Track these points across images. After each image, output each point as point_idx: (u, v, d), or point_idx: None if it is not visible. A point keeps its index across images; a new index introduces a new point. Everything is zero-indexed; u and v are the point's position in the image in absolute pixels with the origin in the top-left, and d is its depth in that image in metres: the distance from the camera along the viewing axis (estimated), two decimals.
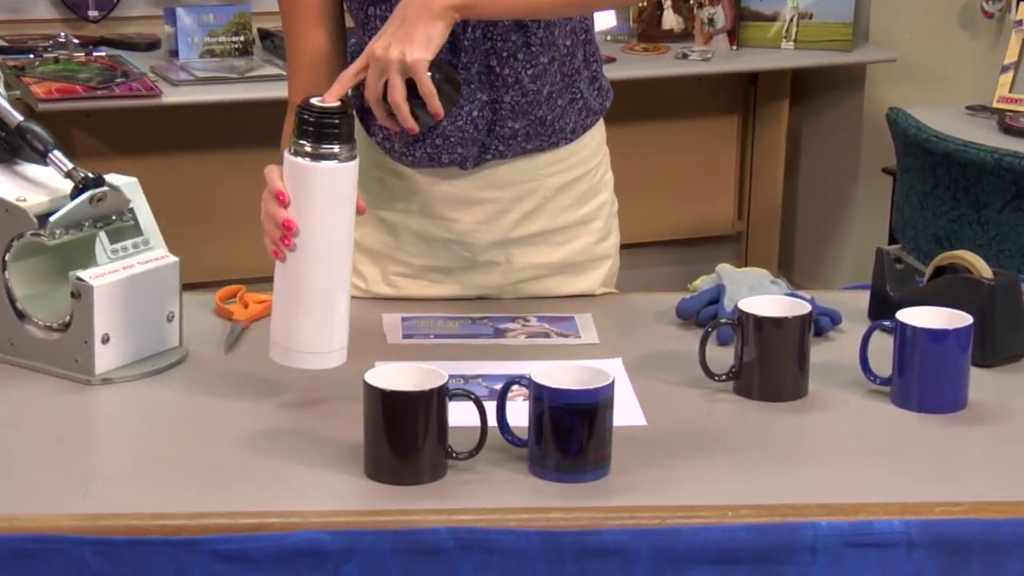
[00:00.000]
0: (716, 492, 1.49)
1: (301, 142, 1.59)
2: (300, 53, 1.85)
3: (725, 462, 1.56)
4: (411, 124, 1.67)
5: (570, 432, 1.49)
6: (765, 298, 1.74)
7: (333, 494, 1.48)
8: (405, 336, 1.87)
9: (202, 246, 3.80)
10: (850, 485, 1.52)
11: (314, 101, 1.59)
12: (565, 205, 1.98)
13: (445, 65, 1.69)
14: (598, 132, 1.99)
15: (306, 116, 1.58)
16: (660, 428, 1.63)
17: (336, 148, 1.58)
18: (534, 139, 1.91)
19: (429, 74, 1.63)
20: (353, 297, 1.70)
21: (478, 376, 1.74)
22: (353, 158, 1.60)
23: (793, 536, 1.43)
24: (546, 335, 1.89)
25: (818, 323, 1.87)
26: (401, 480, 1.49)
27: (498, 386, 1.57)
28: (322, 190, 1.60)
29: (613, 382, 1.51)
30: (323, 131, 1.58)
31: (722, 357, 1.75)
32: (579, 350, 1.84)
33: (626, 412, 1.65)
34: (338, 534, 1.40)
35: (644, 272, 4.23)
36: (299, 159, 1.59)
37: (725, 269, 1.96)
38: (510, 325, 1.90)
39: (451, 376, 1.53)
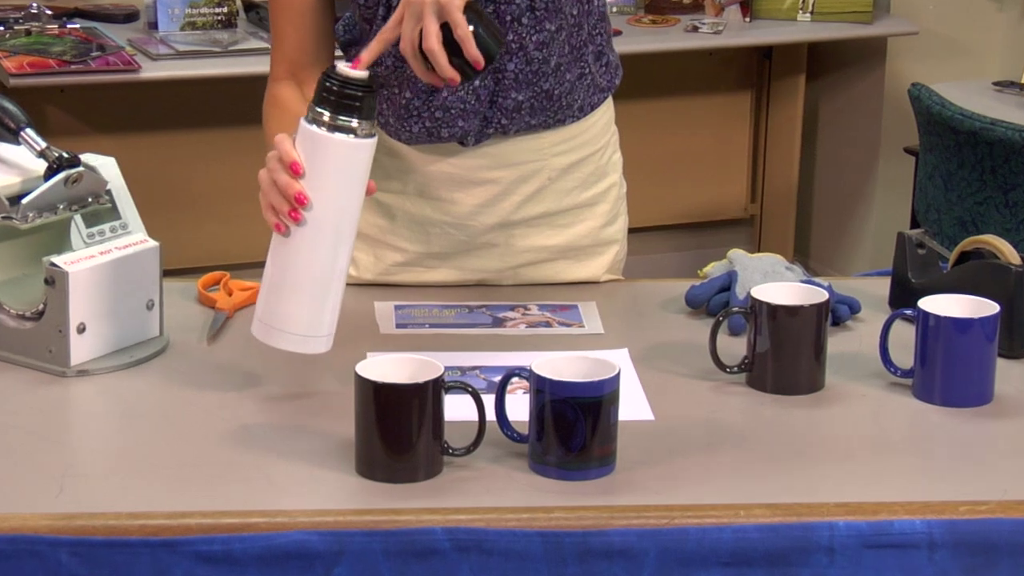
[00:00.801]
0: (727, 490, 1.50)
1: (320, 110, 1.57)
2: (282, 55, 1.87)
3: (737, 459, 1.57)
4: (450, 73, 1.62)
5: (573, 427, 1.49)
6: (780, 285, 1.74)
7: (322, 492, 1.49)
8: (399, 325, 1.88)
9: (184, 230, 3.81)
10: (869, 483, 1.53)
11: (341, 67, 1.57)
12: (570, 187, 1.98)
13: (485, 15, 1.65)
14: (607, 110, 2.00)
15: (329, 84, 1.57)
16: (668, 423, 1.64)
17: (355, 122, 1.57)
18: (539, 113, 1.91)
19: (465, 19, 1.61)
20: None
21: (476, 368, 1.74)
22: (372, 135, 1.59)
23: (808, 537, 1.43)
24: (547, 324, 1.89)
25: (835, 312, 1.87)
26: (394, 478, 1.49)
27: (497, 378, 1.57)
28: (336, 164, 1.58)
29: (618, 374, 1.51)
30: (345, 102, 1.56)
31: (734, 348, 1.76)
32: (583, 340, 1.85)
33: (632, 406, 1.65)
34: (327, 535, 1.41)
35: (652, 258, 4.24)
36: (315, 128, 1.58)
37: (737, 255, 1.96)
38: (509, 314, 1.91)
39: (447, 368, 1.53)
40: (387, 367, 1.52)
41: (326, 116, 1.57)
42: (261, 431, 1.60)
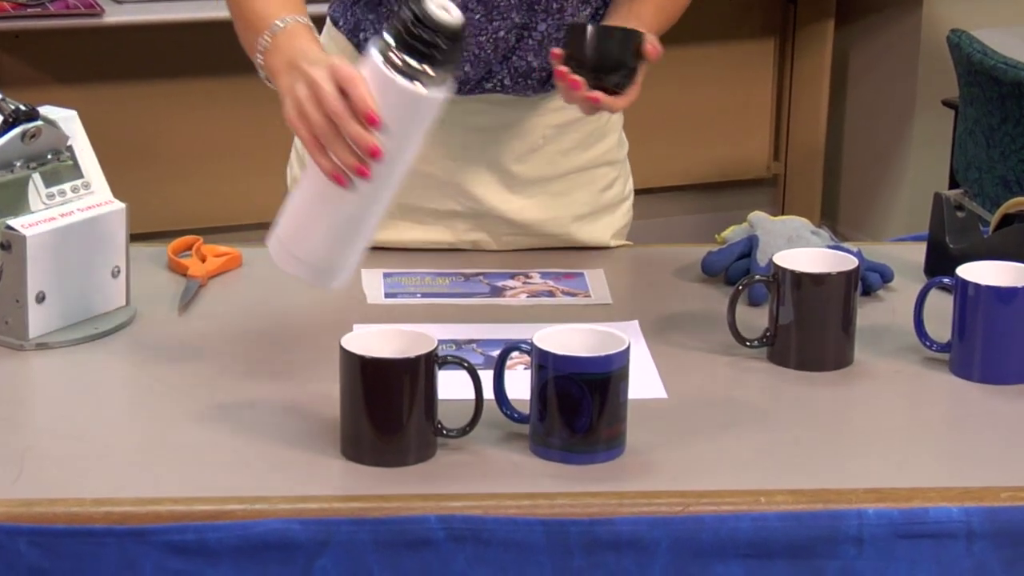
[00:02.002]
0: (746, 475, 1.50)
1: (404, 56, 1.49)
2: None
3: (757, 441, 1.57)
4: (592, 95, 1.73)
5: (578, 406, 1.49)
6: (805, 251, 1.75)
7: (305, 477, 1.49)
8: (388, 295, 1.88)
9: (153, 190, 3.81)
10: (902, 467, 1.53)
11: (431, 7, 1.49)
12: (566, 148, 1.98)
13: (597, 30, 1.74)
14: None
15: (418, 30, 1.48)
16: (682, 401, 1.64)
17: (442, 74, 1.51)
18: (542, 86, 1.92)
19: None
20: None
21: (472, 341, 1.74)
22: (449, 88, 1.53)
23: (835, 526, 1.44)
24: (551, 294, 1.89)
25: (866, 280, 1.87)
26: (383, 461, 1.49)
27: (495, 352, 1.57)
28: (413, 119, 1.52)
29: (628, 348, 1.51)
30: (437, 51, 1.49)
31: (754, 319, 1.76)
32: (589, 311, 1.85)
33: (643, 383, 1.65)
34: (310, 523, 1.41)
35: (665, 221, 4.23)
36: (396, 76, 1.50)
37: (759, 218, 1.96)
38: (509, 282, 1.91)
39: (441, 341, 1.53)
40: (375, 340, 1.52)
41: (412, 64, 1.50)
42: (238, 410, 1.60)
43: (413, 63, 1.50)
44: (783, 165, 4.42)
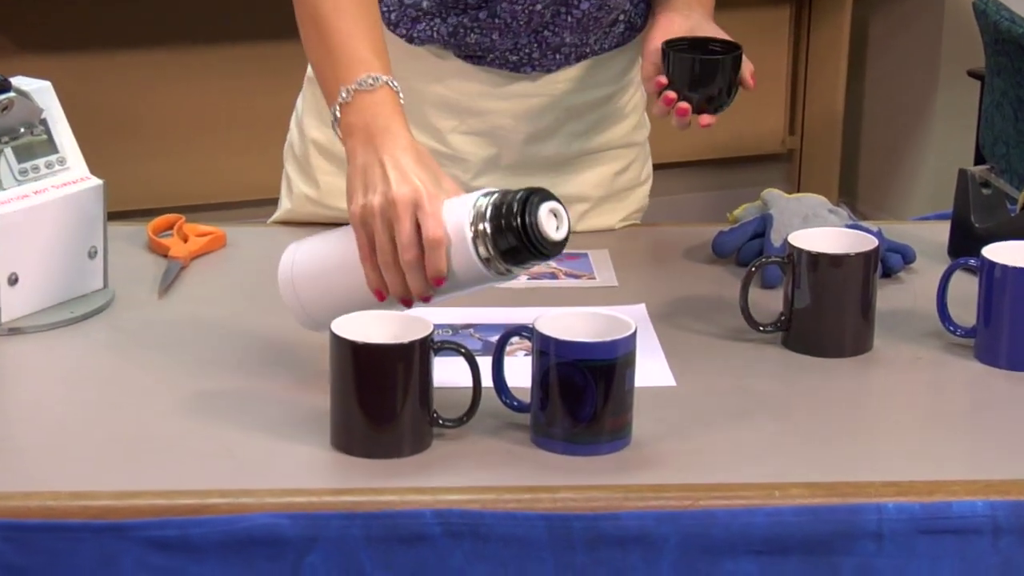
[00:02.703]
0: (760, 468, 1.50)
1: (494, 252, 1.52)
2: None
3: (771, 431, 1.57)
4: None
5: (582, 394, 1.50)
6: (822, 231, 1.75)
7: (293, 469, 1.49)
8: None
9: (132, 166, 3.80)
10: (924, 458, 1.53)
11: (543, 220, 1.51)
12: (581, 130, 1.98)
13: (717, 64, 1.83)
14: (633, 47, 2.00)
15: (522, 239, 1.51)
16: (692, 389, 1.64)
17: (519, 272, 1.56)
18: (566, 60, 1.93)
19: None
20: (311, 223, 1.68)
21: (470, 325, 1.75)
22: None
23: (853, 520, 1.44)
24: (553, 275, 1.89)
25: (886, 261, 1.87)
26: (376, 452, 1.50)
27: (494, 337, 1.57)
28: (468, 285, 1.56)
29: (635, 333, 1.52)
30: (530, 260, 1.53)
31: (768, 303, 1.76)
32: (594, 294, 1.85)
33: (650, 370, 1.65)
34: (299, 517, 1.41)
35: (674, 199, 4.23)
36: (477, 259, 1.52)
37: (773, 195, 1.96)
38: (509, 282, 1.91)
39: (436, 326, 1.53)
40: (367, 324, 1.52)
41: (498, 263, 1.53)
42: (222, 398, 1.60)
43: (498, 263, 1.53)
44: (799, 139, 4.42)
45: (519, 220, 1.51)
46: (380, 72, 1.62)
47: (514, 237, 1.52)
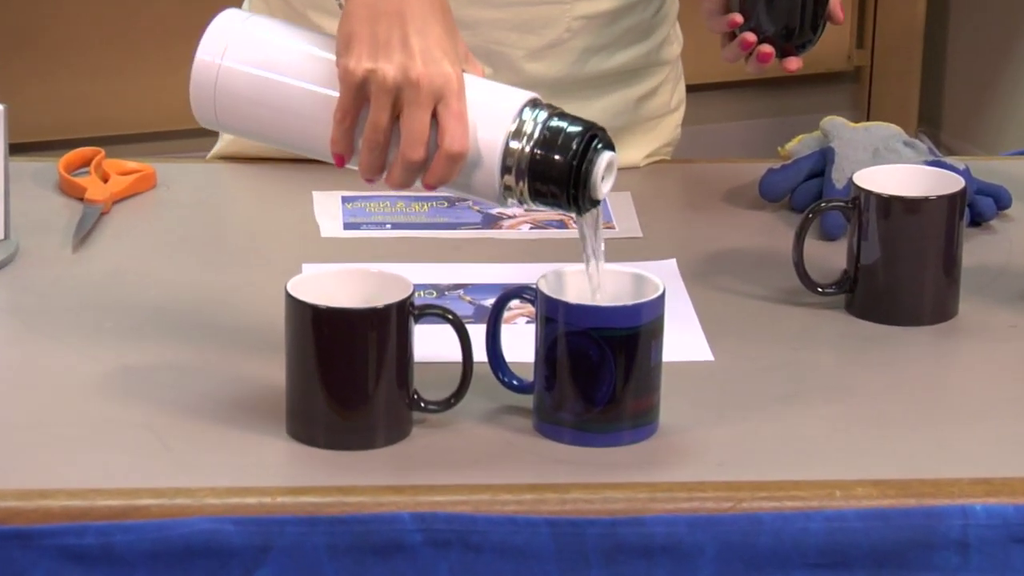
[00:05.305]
0: (817, 461, 1.51)
1: (525, 190, 1.52)
2: None
3: (831, 416, 1.58)
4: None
5: (597, 371, 1.50)
6: (895, 168, 1.75)
7: (240, 463, 1.50)
8: (348, 226, 1.89)
9: (39, 87, 3.80)
10: (1018, 451, 1.54)
11: (599, 174, 1.51)
12: (598, 45, 1.99)
13: None
14: None
15: (564, 187, 1.50)
16: (733, 365, 1.65)
17: (540, 209, 1.57)
18: None
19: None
20: (261, 158, 1.68)
21: (459, 286, 1.75)
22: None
23: (933, 526, 1.45)
24: (561, 224, 1.90)
25: (975, 206, 1.87)
26: (343, 443, 1.50)
27: (489, 301, 1.58)
28: (462, 191, 1.56)
29: (663, 295, 1.52)
30: (554, 206, 1.53)
31: (829, 258, 1.76)
32: (612, 246, 1.85)
33: (682, 341, 1.66)
34: (248, 522, 1.42)
35: (713, 128, 4.23)
36: (498, 191, 1.53)
37: (835, 124, 1.96)
38: (507, 208, 1.91)
39: (417, 286, 1.54)
40: (331, 285, 1.52)
41: (526, 198, 1.53)
42: (152, 375, 1.61)
43: (519, 195, 1.52)
44: (869, 55, 4.41)
45: (574, 164, 1.50)
46: None
47: (557, 183, 1.51)
